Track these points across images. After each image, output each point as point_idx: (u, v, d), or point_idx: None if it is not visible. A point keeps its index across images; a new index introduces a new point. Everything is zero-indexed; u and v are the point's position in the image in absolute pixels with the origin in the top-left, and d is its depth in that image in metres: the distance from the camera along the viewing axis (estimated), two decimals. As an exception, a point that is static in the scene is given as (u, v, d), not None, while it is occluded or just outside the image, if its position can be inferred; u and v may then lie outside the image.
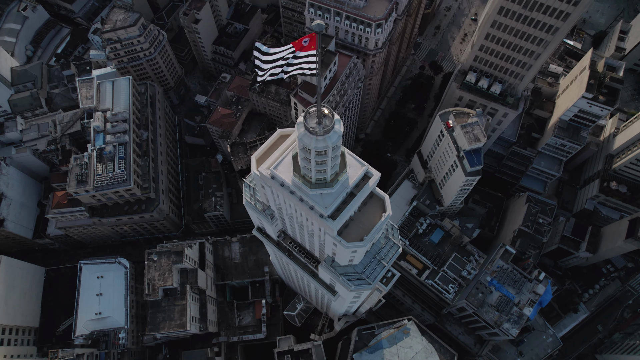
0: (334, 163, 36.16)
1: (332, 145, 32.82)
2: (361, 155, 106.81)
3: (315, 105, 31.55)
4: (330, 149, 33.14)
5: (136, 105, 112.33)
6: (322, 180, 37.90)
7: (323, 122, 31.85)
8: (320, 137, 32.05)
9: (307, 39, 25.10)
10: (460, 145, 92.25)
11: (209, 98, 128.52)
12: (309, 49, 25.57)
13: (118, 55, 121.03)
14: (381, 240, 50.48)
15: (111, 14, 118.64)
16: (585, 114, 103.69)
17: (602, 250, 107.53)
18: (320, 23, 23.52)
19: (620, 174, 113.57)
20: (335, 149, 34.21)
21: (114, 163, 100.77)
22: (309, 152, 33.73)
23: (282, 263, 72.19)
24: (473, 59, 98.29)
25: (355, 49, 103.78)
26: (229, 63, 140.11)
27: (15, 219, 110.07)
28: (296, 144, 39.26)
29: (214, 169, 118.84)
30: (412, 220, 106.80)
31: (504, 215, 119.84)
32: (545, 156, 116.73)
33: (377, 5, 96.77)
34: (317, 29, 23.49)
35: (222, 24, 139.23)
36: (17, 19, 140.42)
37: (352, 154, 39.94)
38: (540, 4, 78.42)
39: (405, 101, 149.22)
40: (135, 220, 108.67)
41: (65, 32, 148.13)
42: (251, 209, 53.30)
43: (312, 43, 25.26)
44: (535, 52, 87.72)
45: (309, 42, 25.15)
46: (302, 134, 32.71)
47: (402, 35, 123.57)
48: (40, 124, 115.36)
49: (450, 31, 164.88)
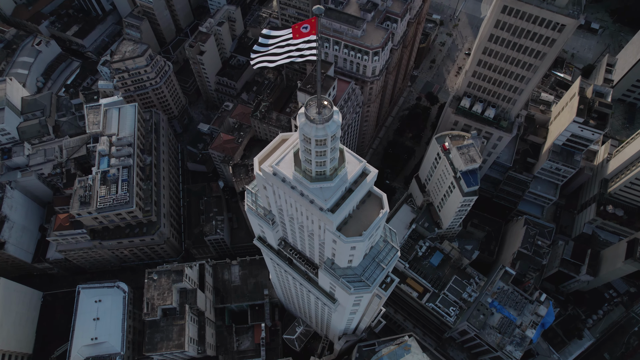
0: (333, 155, 38.01)
1: (331, 134, 34.80)
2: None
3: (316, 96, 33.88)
4: (330, 138, 35.08)
5: (141, 131, 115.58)
6: (322, 174, 39.59)
7: (323, 112, 34.02)
8: (320, 126, 34.11)
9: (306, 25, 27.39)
10: (456, 167, 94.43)
11: (211, 125, 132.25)
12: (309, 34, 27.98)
13: (125, 84, 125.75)
14: (380, 243, 51.46)
15: (121, 45, 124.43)
16: (578, 138, 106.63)
17: (602, 273, 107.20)
18: (320, 7, 26.06)
19: (616, 197, 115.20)
20: (334, 140, 36.15)
21: (117, 185, 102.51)
22: (310, 142, 35.66)
23: (282, 278, 72.36)
24: (467, 85, 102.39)
25: (354, 76, 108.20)
26: (232, 93, 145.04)
27: (16, 242, 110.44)
28: (297, 143, 41.35)
29: (215, 194, 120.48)
30: (411, 243, 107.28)
31: (503, 240, 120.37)
32: (541, 181, 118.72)
33: (374, 34, 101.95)
34: (317, 12, 25.91)
35: (226, 57, 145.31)
36: (30, 53, 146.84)
37: (350, 151, 41.90)
38: (527, 31, 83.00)
39: (402, 130, 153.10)
40: (135, 243, 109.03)
41: (75, 65, 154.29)
42: (252, 215, 54.58)
43: (312, 28, 27.69)
44: (526, 77, 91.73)
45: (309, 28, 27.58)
46: (303, 124, 34.80)
47: (398, 66, 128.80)
48: (47, 149, 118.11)
49: (445, 65, 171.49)
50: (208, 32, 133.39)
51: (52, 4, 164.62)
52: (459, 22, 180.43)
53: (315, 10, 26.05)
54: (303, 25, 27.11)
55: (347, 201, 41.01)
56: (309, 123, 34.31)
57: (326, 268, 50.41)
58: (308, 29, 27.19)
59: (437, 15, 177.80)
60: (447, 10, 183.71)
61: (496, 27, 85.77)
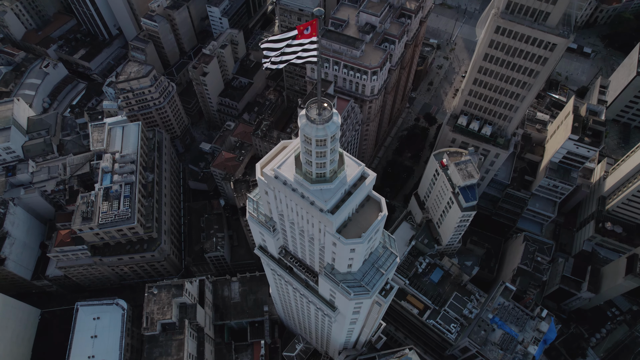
0: (333, 157, 39.36)
1: (330, 134, 36.25)
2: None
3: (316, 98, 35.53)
4: (329, 138, 36.50)
5: (144, 148, 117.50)
6: (322, 176, 40.84)
7: (323, 113, 35.61)
8: (320, 126, 35.61)
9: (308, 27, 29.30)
10: (455, 182, 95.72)
11: (213, 145, 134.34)
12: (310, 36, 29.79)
13: (129, 103, 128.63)
14: (379, 249, 52.19)
15: (126, 66, 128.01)
16: (574, 155, 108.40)
17: (604, 290, 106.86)
18: (320, 8, 27.93)
19: (614, 214, 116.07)
20: (334, 141, 37.57)
21: (119, 201, 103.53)
22: (310, 143, 37.08)
23: (282, 291, 72.49)
24: (463, 103, 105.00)
25: (353, 95, 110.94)
26: (234, 114, 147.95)
27: (16, 259, 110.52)
28: (298, 148, 42.76)
29: (216, 211, 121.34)
30: (411, 260, 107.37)
31: (503, 257, 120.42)
32: (539, 198, 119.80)
33: (373, 55, 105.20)
34: (318, 13, 27.81)
35: (228, 78, 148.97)
36: (38, 75, 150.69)
37: (349, 155, 43.31)
38: (520, 50, 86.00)
39: (401, 150, 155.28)
40: (136, 260, 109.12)
41: (81, 87, 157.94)
42: (254, 223, 55.48)
43: (313, 30, 29.52)
44: (520, 94, 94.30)
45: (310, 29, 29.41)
46: (304, 124, 36.31)
47: (396, 86, 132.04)
48: (51, 166, 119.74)
49: (442, 87, 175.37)
50: (211, 54, 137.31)
51: (61, 29, 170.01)
52: (456, 46, 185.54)
53: (315, 12, 27.97)
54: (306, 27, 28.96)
55: (346, 203, 42.12)
56: (310, 123, 35.84)
57: (326, 274, 50.95)
58: (309, 30, 29.05)
59: (434, 40, 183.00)
60: (443, 35, 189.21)
61: (490, 46, 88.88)
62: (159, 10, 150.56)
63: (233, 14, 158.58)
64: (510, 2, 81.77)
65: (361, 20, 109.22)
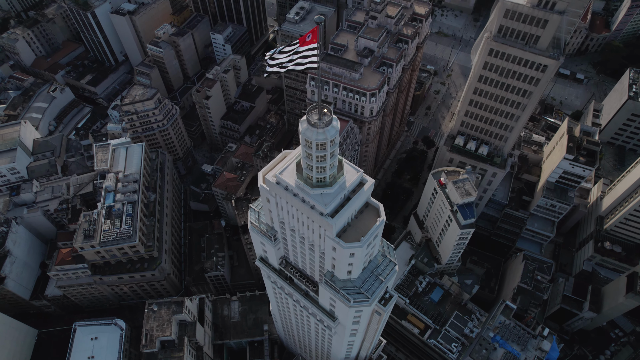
0: (332, 161, 41.00)
1: (330, 138, 38.02)
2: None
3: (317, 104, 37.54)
4: (329, 142, 38.25)
5: (147, 169, 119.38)
6: (322, 181, 42.39)
7: (323, 118, 37.53)
8: (320, 130, 37.44)
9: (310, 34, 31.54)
10: (453, 200, 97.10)
11: (215, 166, 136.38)
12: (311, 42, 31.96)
13: (134, 125, 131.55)
14: (378, 257, 53.09)
15: (131, 90, 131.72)
16: (570, 174, 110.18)
17: (605, 309, 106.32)
18: (320, 16, 30.20)
19: (613, 234, 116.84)
20: (333, 145, 39.31)
21: (121, 220, 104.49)
22: (311, 147, 38.82)
23: (282, 305, 72.65)
24: (460, 124, 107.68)
25: (352, 116, 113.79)
26: (235, 136, 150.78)
27: (16, 278, 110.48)
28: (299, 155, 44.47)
29: (217, 231, 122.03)
30: (411, 279, 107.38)
31: (503, 277, 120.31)
32: (537, 218, 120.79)
33: (371, 78, 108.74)
34: (318, 21, 30.06)
35: (231, 102, 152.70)
36: (45, 99, 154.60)
37: (348, 162, 44.99)
38: (513, 72, 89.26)
39: (400, 172, 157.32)
40: (136, 279, 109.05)
41: (86, 111, 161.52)
42: (255, 233, 56.59)
43: (313, 37, 31.73)
44: (515, 114, 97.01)
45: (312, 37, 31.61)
46: (305, 128, 38.15)
47: (395, 109, 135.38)
48: (55, 186, 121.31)
49: (440, 111, 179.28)
50: (214, 79, 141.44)
51: (69, 55, 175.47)
52: (452, 72, 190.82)
53: (316, 19, 30.26)
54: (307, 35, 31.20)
55: (345, 207, 43.48)
56: (311, 127, 37.71)
57: (326, 281, 51.68)
58: (311, 37, 31.27)
59: (431, 66, 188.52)
60: (440, 61, 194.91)
61: (485, 68, 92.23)
62: (164, 37, 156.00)
63: (236, 40, 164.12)
64: (503, 26, 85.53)
65: (360, 45, 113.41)
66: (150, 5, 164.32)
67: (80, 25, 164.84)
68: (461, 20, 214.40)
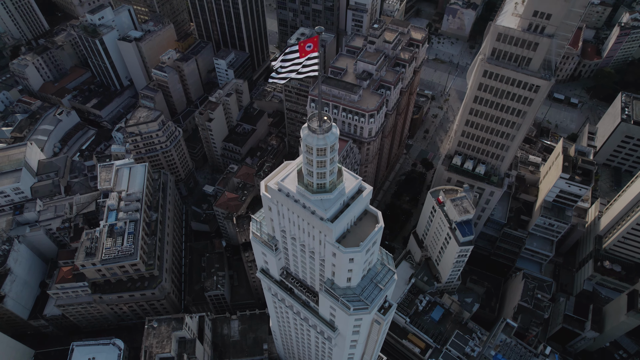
0: (332, 167, 42.72)
1: (330, 144, 39.89)
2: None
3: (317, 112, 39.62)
4: (329, 148, 40.09)
5: (149, 188, 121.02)
6: (322, 187, 44.00)
7: (323, 125, 39.54)
8: (320, 136, 39.36)
9: (310, 44, 33.79)
10: (451, 218, 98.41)
11: (216, 186, 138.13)
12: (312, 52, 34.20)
13: (137, 146, 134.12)
14: (377, 265, 54.03)
15: (136, 112, 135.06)
16: (566, 193, 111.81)
17: (607, 329, 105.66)
18: (321, 27, 32.52)
19: (612, 253, 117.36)
20: (333, 151, 41.13)
21: (123, 238, 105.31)
22: (311, 152, 40.64)
23: (282, 319, 72.81)
24: (457, 144, 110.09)
25: (352, 137, 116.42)
26: (237, 158, 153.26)
27: (15, 297, 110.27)
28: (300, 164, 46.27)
29: (218, 250, 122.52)
30: (411, 298, 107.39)
31: (504, 297, 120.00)
32: (536, 237, 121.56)
33: (370, 99, 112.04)
34: (319, 31, 32.37)
35: (233, 125, 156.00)
36: (52, 121, 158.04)
37: (347, 170, 46.73)
38: (507, 92, 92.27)
39: (400, 194, 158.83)
40: (136, 298, 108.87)
41: (91, 133, 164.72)
42: (257, 243, 57.72)
43: (314, 46, 33.98)
44: (510, 134, 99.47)
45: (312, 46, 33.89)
46: (306, 134, 40.08)
47: (393, 131, 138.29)
48: (58, 205, 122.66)
49: (438, 135, 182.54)
50: (217, 102, 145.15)
51: (76, 80, 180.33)
52: (449, 97, 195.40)
53: (317, 29, 32.66)
54: (307, 44, 33.50)
55: (345, 212, 44.92)
56: (311, 134, 39.67)
57: (326, 289, 52.47)
58: (311, 47, 33.56)
59: (429, 91, 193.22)
60: (437, 87, 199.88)
61: (479, 89, 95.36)
62: (169, 62, 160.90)
63: (238, 66, 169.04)
64: (495, 49, 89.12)
65: (359, 68, 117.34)
66: (156, 33, 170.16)
67: (89, 52, 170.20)
68: (457, 47, 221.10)
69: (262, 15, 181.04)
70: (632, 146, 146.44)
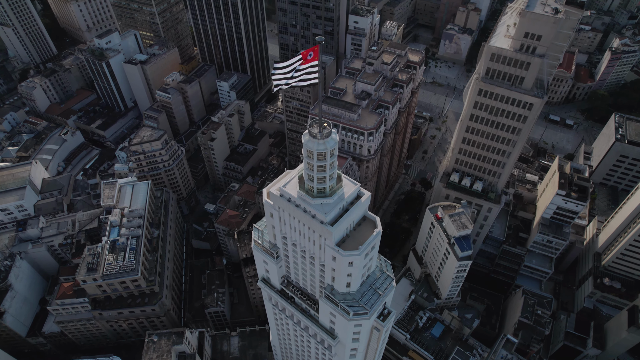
0: (332, 172, 44.61)
1: (330, 148, 41.91)
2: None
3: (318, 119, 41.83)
4: (329, 152, 42.10)
5: (151, 205, 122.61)
6: (322, 191, 45.76)
7: (323, 131, 41.67)
8: (321, 141, 41.42)
9: (311, 52, 36.23)
10: (450, 233, 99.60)
11: (218, 204, 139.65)
12: (313, 60, 36.58)
13: (140, 165, 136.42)
14: (376, 272, 55.16)
15: (140, 131, 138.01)
16: (563, 210, 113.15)
17: (609, 346, 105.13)
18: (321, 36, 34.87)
19: (611, 270, 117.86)
20: (333, 156, 43.10)
21: (125, 253, 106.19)
22: (312, 157, 42.61)
23: (282, 331, 73.13)
24: (454, 161, 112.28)
25: (351, 155, 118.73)
26: (238, 177, 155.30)
27: (14, 313, 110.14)
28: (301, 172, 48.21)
29: (218, 267, 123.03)
30: (411, 314, 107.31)
31: (504, 314, 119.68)
32: (535, 254, 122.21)
33: (369, 118, 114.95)
34: (319, 40, 34.86)
35: (234, 144, 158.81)
36: (57, 141, 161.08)
37: (346, 177, 48.60)
38: (502, 110, 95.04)
39: (399, 213, 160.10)
40: (136, 314, 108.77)
41: (94, 153, 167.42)
42: (259, 251, 59.01)
43: (315, 55, 36.35)
44: (506, 151, 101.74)
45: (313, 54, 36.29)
46: (307, 140, 42.14)
47: (392, 150, 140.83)
48: (60, 222, 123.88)
49: (436, 155, 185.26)
50: (219, 122, 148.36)
51: (82, 102, 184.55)
52: (447, 118, 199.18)
53: (317, 39, 35.19)
54: (309, 53, 35.95)
55: (344, 216, 46.52)
56: (312, 139, 41.75)
57: (326, 295, 53.46)
58: (312, 55, 36.00)
59: (427, 113, 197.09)
60: (435, 109, 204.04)
61: (475, 107, 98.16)
62: (173, 83, 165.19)
63: (240, 88, 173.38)
64: (490, 68, 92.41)
65: (358, 88, 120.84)
66: (160, 56, 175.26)
67: (95, 74, 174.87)
68: (454, 71, 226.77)
69: (264, 40, 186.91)
70: (627, 165, 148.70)
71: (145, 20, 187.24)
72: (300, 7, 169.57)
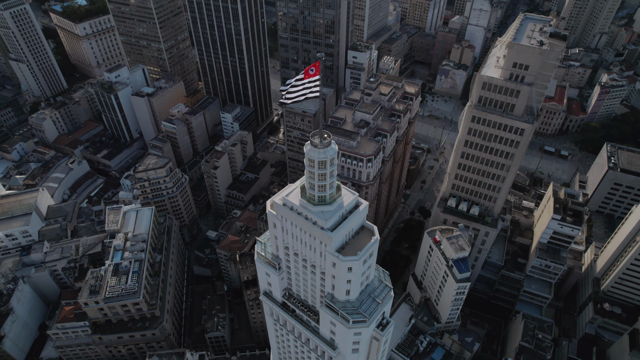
0: (332, 180, 47.64)
1: (330, 157, 45.14)
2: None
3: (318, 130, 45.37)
4: (329, 161, 45.31)
5: (154, 231, 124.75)
6: (323, 199, 48.62)
7: (323, 141, 45.11)
8: (321, 150, 44.75)
9: (313, 68, 40.09)
10: (448, 256, 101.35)
11: (220, 230, 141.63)
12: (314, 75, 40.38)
13: (145, 192, 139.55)
14: (375, 282, 57.02)
15: (145, 159, 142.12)
16: (560, 234, 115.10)
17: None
18: (322, 53, 38.85)
19: (610, 295, 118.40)
20: (332, 165, 46.26)
21: (127, 276, 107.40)
22: (313, 165, 45.80)
23: (283, 347, 73.77)
24: (451, 187, 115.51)
25: (351, 181, 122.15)
26: (240, 205, 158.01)
27: (14, 338, 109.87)
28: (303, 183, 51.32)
29: (219, 292, 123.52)
30: (411, 339, 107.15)
31: (505, 340, 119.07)
32: (534, 280, 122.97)
33: (367, 145, 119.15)
34: (320, 57, 38.81)
35: (237, 173, 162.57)
36: (63, 170, 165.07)
37: (345, 187, 51.62)
38: (495, 135, 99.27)
39: (399, 241, 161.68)
40: (136, 338, 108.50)
41: (99, 182, 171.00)
42: (261, 263, 61.07)
43: (316, 70, 40.19)
44: (501, 175, 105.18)
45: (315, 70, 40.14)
46: (309, 149, 45.46)
47: (391, 178, 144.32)
48: (64, 247, 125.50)
49: (435, 185, 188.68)
50: (222, 151, 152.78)
51: (89, 133, 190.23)
52: (444, 150, 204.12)
53: (318, 55, 39.22)
54: (310, 68, 39.93)
55: (343, 223, 49.12)
56: (313, 148, 45.11)
57: (327, 304, 55.14)
58: (314, 71, 39.96)
59: (425, 144, 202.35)
60: (433, 140, 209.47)
61: (469, 133, 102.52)
62: (178, 115, 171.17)
63: (243, 119, 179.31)
64: (482, 96, 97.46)
65: (356, 117, 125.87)
66: (166, 89, 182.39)
67: (103, 106, 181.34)
68: (451, 104, 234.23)
69: (266, 74, 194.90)
70: (621, 193, 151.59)
71: (153, 56, 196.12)
72: (302, 43, 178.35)
